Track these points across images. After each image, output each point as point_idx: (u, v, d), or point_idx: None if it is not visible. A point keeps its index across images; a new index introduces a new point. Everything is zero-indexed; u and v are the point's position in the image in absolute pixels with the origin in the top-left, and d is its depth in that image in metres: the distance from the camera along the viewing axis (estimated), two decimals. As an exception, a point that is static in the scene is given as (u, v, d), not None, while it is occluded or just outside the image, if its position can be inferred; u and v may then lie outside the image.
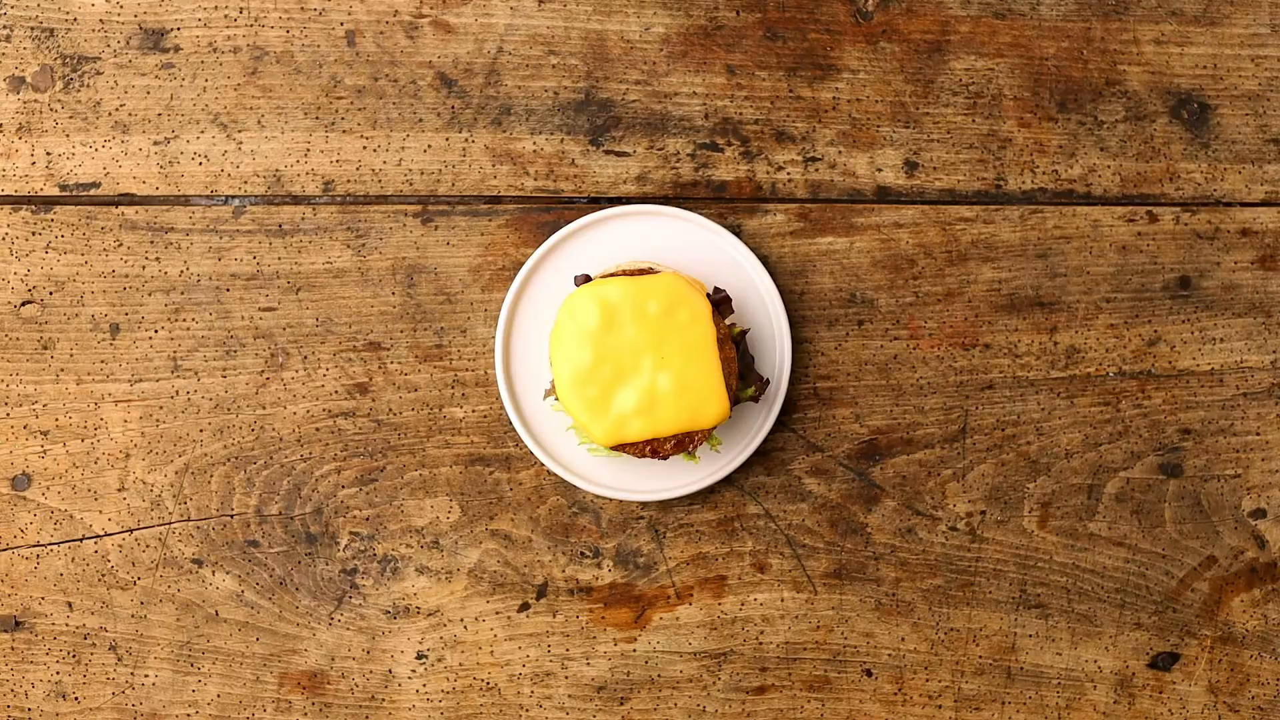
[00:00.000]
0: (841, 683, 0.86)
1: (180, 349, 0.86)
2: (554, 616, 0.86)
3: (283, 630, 0.85)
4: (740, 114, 0.87)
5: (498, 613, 0.86)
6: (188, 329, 0.86)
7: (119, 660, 0.85)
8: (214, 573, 0.85)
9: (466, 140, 0.86)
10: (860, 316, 0.87)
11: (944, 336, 0.87)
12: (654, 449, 0.79)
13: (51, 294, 0.86)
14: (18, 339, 0.86)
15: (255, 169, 0.86)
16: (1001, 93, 0.87)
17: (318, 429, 0.86)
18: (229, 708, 0.85)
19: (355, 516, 0.86)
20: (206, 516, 0.85)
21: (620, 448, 0.79)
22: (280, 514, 0.85)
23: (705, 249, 0.85)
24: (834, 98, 0.87)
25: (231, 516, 0.85)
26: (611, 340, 0.78)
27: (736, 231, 0.86)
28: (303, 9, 0.87)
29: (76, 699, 0.85)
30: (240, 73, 0.86)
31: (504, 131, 0.87)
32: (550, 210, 0.86)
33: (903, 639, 0.86)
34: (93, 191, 0.86)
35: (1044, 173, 0.87)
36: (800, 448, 0.86)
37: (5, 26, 0.86)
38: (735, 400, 0.80)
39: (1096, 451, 0.87)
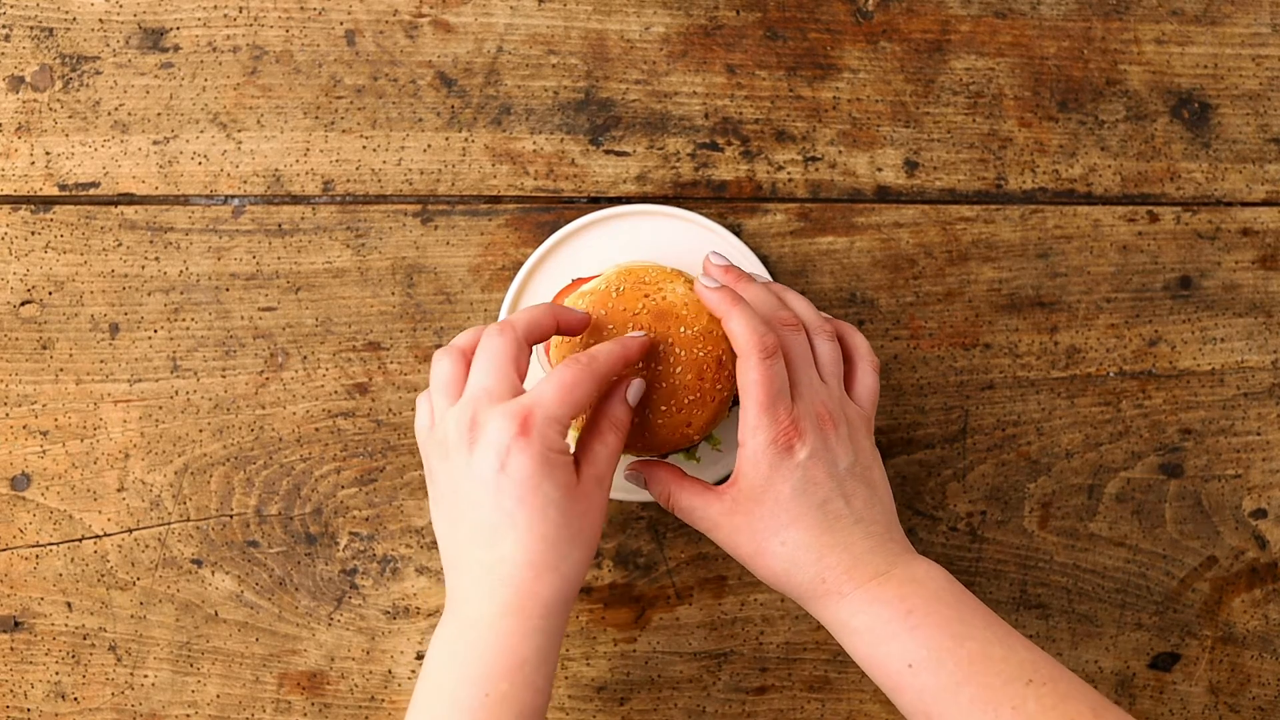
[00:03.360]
0: (841, 683, 0.86)
1: (180, 349, 0.86)
2: (554, 617, 0.86)
3: (282, 630, 0.85)
4: (740, 114, 0.87)
5: (497, 613, 0.85)
6: (187, 329, 0.86)
7: (118, 660, 0.85)
8: (213, 573, 0.85)
9: (466, 140, 0.86)
10: (860, 316, 0.87)
11: (944, 336, 0.87)
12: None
13: (51, 294, 0.86)
14: (17, 339, 0.85)
15: (255, 169, 0.86)
16: (1002, 92, 0.87)
17: (317, 429, 0.86)
18: (229, 708, 0.85)
19: (355, 516, 0.86)
20: (206, 517, 0.85)
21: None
22: (280, 514, 0.85)
23: (705, 249, 0.85)
24: (834, 97, 0.87)
25: (231, 516, 0.85)
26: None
27: (736, 231, 0.86)
28: (302, 9, 0.86)
29: (76, 699, 0.85)
30: (240, 72, 0.86)
31: (504, 131, 0.86)
32: (550, 210, 0.86)
33: (903, 639, 0.86)
34: (92, 191, 0.86)
35: (1044, 172, 0.87)
36: (800, 448, 0.86)
37: (5, 26, 0.86)
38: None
39: (1097, 451, 0.87)
